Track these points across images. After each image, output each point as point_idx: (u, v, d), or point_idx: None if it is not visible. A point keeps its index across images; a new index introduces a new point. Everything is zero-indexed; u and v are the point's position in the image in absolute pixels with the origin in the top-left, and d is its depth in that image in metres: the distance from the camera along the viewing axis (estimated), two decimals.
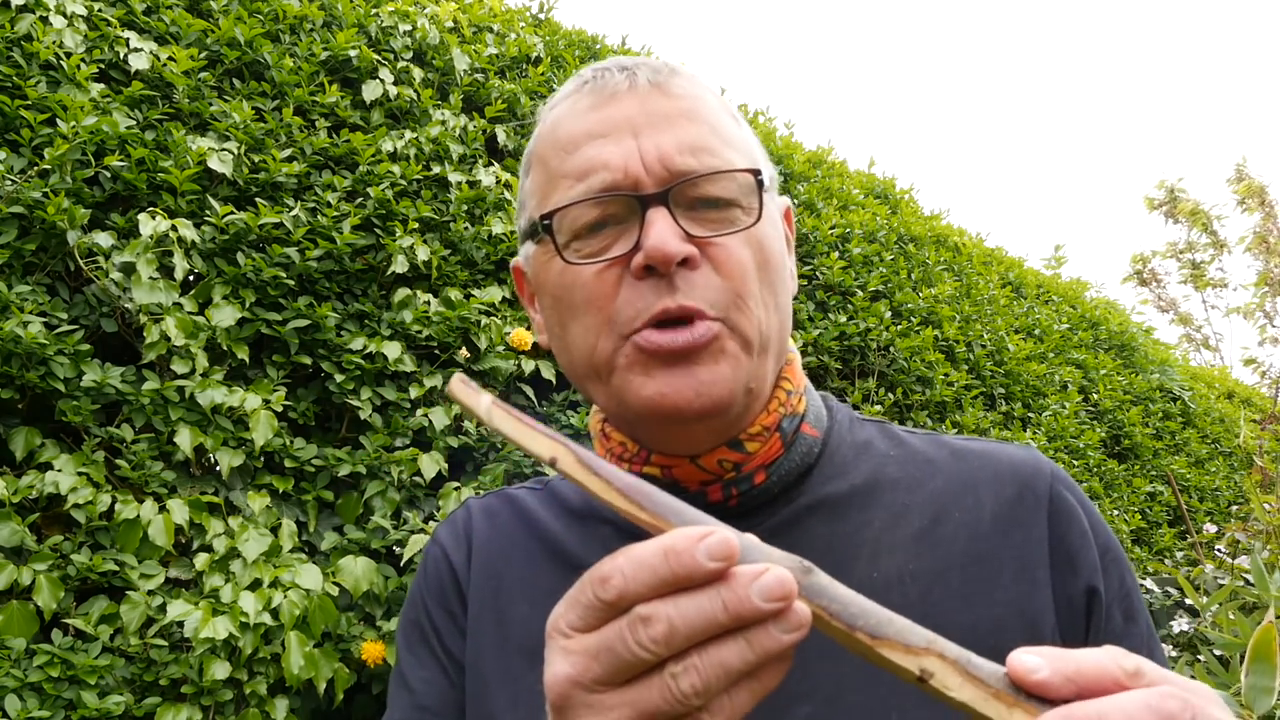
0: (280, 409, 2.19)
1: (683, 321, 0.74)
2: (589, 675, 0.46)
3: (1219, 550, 4.37)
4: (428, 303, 2.51)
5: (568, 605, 0.48)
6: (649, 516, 0.48)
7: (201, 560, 2.00)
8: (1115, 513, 4.69)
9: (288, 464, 2.22)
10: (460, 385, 0.51)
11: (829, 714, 0.73)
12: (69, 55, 2.19)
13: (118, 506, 1.93)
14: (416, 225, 2.54)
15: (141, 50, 2.32)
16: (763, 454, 0.80)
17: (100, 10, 2.34)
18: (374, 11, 2.87)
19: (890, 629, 0.46)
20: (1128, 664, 0.45)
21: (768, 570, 0.44)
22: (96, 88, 2.21)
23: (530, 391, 2.67)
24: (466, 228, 2.68)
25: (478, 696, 0.83)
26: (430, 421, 2.39)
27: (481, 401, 0.51)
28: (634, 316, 0.74)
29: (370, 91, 2.68)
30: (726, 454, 0.79)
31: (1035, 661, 0.45)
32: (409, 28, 2.91)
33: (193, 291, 2.21)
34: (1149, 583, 4.06)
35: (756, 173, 0.77)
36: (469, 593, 0.88)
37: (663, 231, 0.72)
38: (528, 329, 2.63)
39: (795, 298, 1.06)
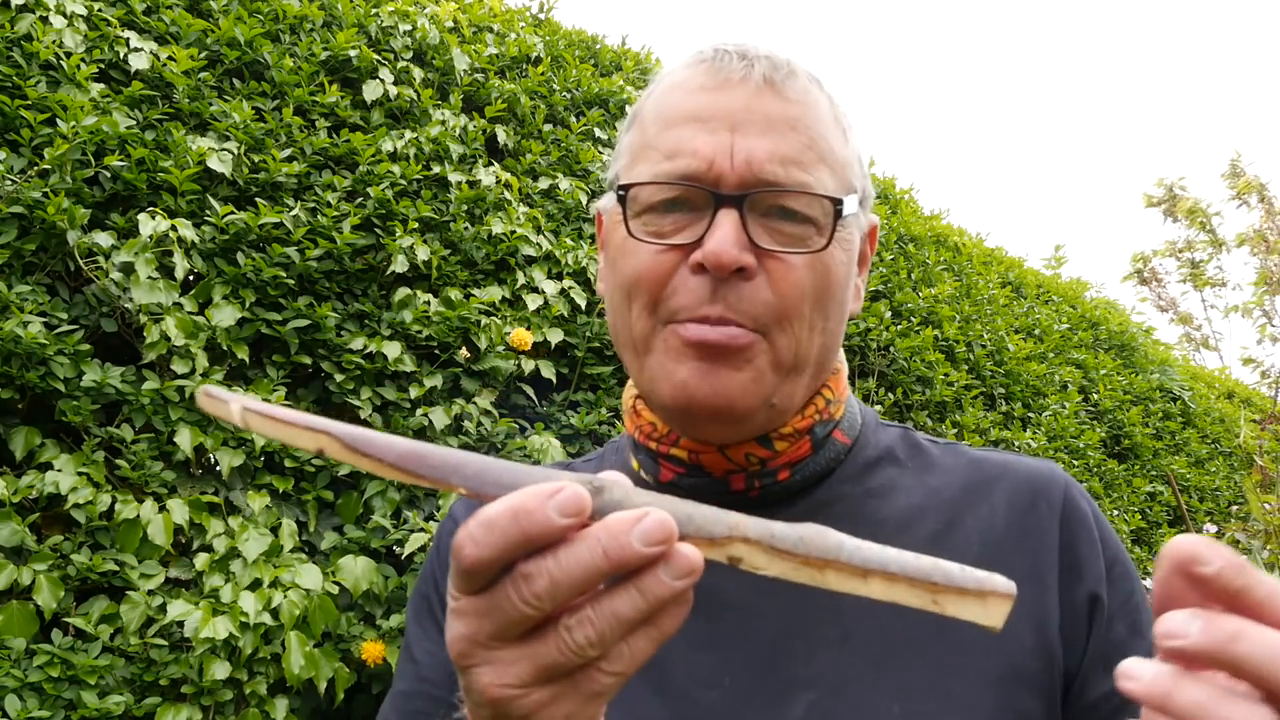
0: None
1: (721, 325, 0.75)
2: (483, 633, 0.46)
3: None
4: (428, 303, 2.51)
5: (450, 570, 0.48)
6: (430, 481, 0.47)
7: (201, 560, 2.00)
8: (1115, 513, 4.69)
9: (288, 464, 2.22)
10: (205, 397, 0.48)
11: (832, 704, 0.73)
12: (69, 55, 2.19)
13: (118, 506, 1.93)
14: (416, 225, 2.54)
15: (141, 50, 2.32)
16: (790, 454, 0.82)
17: (100, 10, 2.34)
18: (374, 11, 2.87)
19: (690, 526, 0.46)
20: None
21: (648, 514, 0.44)
22: (96, 88, 2.21)
23: (530, 391, 2.67)
24: (466, 228, 2.68)
25: None
26: (430, 421, 2.39)
27: (233, 409, 0.47)
28: (678, 309, 0.76)
29: (370, 91, 2.68)
30: (754, 449, 0.81)
31: (1209, 553, 0.44)
32: (409, 28, 2.91)
33: (193, 291, 2.21)
34: (1149, 583, 4.06)
35: (837, 202, 0.77)
36: None
37: (726, 236, 0.73)
38: (528, 329, 2.63)
39: None
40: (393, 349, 2.38)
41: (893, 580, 0.47)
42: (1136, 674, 0.45)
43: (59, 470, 1.92)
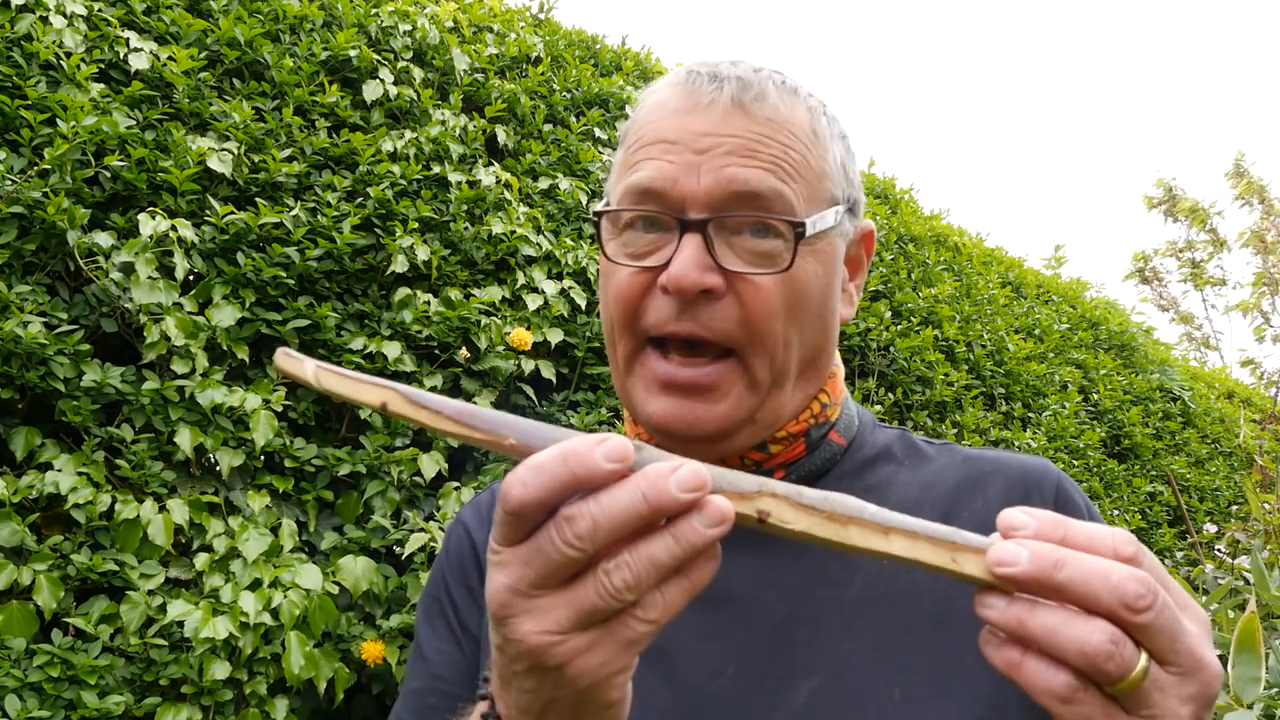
0: (280, 409, 2.19)
1: (693, 346, 0.78)
2: (525, 581, 0.48)
3: (1219, 550, 4.37)
4: (428, 303, 2.51)
5: (493, 524, 0.50)
6: (482, 435, 0.50)
7: (201, 560, 2.00)
8: (1115, 513, 4.69)
9: (288, 464, 2.22)
10: (284, 358, 0.52)
11: (835, 689, 0.75)
12: (69, 55, 2.19)
13: (118, 506, 1.93)
14: (416, 225, 2.54)
15: (141, 50, 2.32)
16: (784, 455, 0.85)
17: (100, 10, 2.34)
18: (374, 11, 2.87)
19: (723, 480, 0.49)
20: (1125, 549, 0.48)
21: (685, 464, 0.47)
22: (96, 88, 2.21)
23: (530, 391, 2.67)
24: (466, 228, 2.68)
25: None
26: None
27: (307, 369, 0.52)
28: (649, 326, 0.80)
29: (370, 91, 2.68)
30: (750, 452, 0.84)
31: (1021, 520, 0.49)
32: (409, 28, 2.91)
33: (193, 291, 2.21)
34: None
35: (798, 226, 0.77)
36: None
37: (687, 261, 0.76)
38: (528, 329, 2.63)
39: None
40: (393, 349, 2.38)
41: (914, 538, 0.49)
42: (994, 603, 0.49)
43: (59, 470, 1.92)
